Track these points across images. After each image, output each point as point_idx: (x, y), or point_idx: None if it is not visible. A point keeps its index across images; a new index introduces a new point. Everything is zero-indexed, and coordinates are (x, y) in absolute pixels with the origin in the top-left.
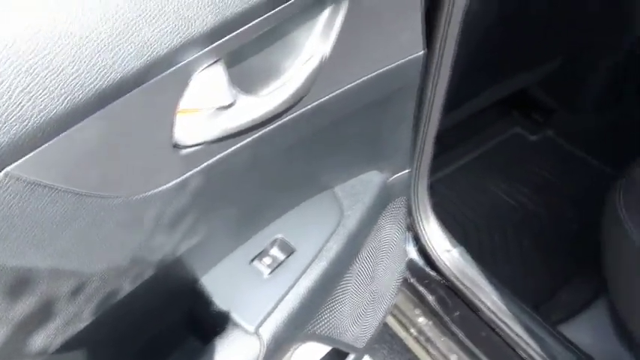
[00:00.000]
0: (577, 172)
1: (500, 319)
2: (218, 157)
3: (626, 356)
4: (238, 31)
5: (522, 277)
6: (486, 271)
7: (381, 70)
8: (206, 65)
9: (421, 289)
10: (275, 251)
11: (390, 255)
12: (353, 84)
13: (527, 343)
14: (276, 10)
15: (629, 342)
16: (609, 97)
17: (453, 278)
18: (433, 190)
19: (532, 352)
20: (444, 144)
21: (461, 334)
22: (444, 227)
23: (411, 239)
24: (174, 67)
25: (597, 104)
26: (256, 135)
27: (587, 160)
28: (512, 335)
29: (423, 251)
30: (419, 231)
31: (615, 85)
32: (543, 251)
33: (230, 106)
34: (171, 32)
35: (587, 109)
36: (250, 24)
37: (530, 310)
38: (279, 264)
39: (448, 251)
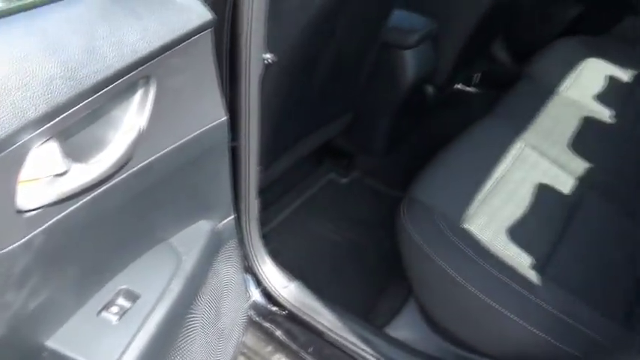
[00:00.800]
0: (383, 202)
1: (339, 335)
2: (58, 217)
3: (440, 341)
4: (67, 113)
5: (351, 295)
6: (321, 298)
7: (190, 136)
8: (41, 142)
9: (267, 325)
10: (121, 300)
11: (230, 293)
12: (168, 148)
13: (365, 350)
14: (99, 94)
15: (437, 328)
16: (393, 142)
17: (294, 310)
18: (268, 237)
19: (370, 357)
20: (273, 194)
21: (310, 358)
22: (281, 266)
23: (251, 281)
24: (12, 147)
25: (386, 148)
26: (90, 196)
27: (389, 192)
28: (351, 346)
29: (264, 291)
30: (257, 273)
31: (396, 131)
32: (366, 271)
33: (64, 173)
34: (9, 119)
35: (379, 152)
36: (77, 107)
37: (362, 320)
38: (126, 311)
39: (286, 287)
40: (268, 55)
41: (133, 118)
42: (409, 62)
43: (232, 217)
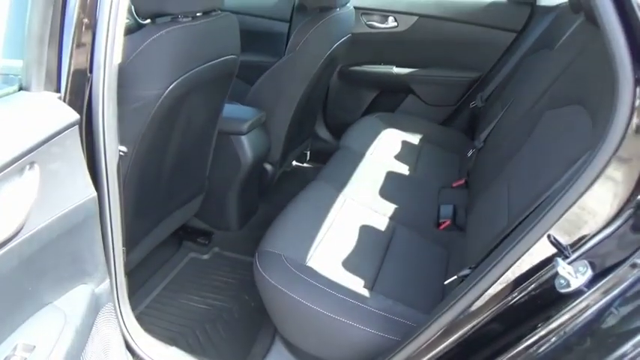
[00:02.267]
0: (242, 269)
1: None
2: None
3: None
4: None
5: (224, 351)
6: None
7: (68, 209)
8: None
9: None
10: (19, 351)
11: (111, 350)
12: (50, 219)
13: None
14: None
15: (301, 354)
16: (244, 216)
17: None
18: (141, 319)
19: None
20: (140, 277)
21: None
22: (155, 339)
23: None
24: None
25: (238, 222)
26: None
27: (247, 259)
28: None
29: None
30: (127, 337)
31: (245, 207)
32: (235, 329)
33: None
34: None
35: (233, 226)
36: None
37: None
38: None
39: (161, 355)
40: (121, 147)
41: (23, 194)
42: (245, 146)
43: (107, 281)
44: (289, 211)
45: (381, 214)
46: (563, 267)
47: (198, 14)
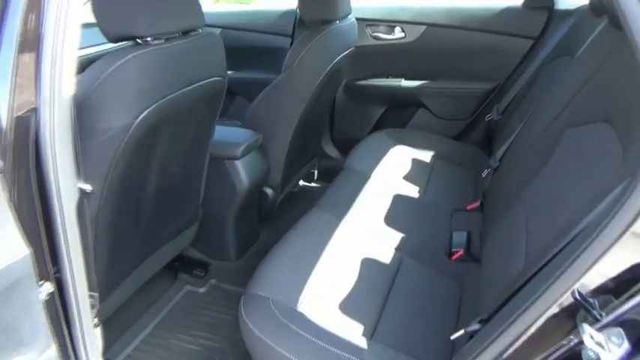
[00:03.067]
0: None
1: None
2: None
3: None
4: None
5: None
6: None
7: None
8: None
9: None
10: None
11: None
12: None
13: None
14: None
15: None
16: (244, 245)
17: None
18: None
19: None
20: (129, 316)
21: None
22: None
23: None
24: None
25: (237, 252)
26: None
27: None
28: None
29: None
30: None
31: (244, 235)
32: None
33: None
34: None
35: (231, 257)
36: None
37: None
38: None
39: None
40: (85, 186)
41: None
42: (240, 171)
43: (53, 348)
44: (282, 245)
45: (385, 244)
46: (591, 335)
47: (172, 36)
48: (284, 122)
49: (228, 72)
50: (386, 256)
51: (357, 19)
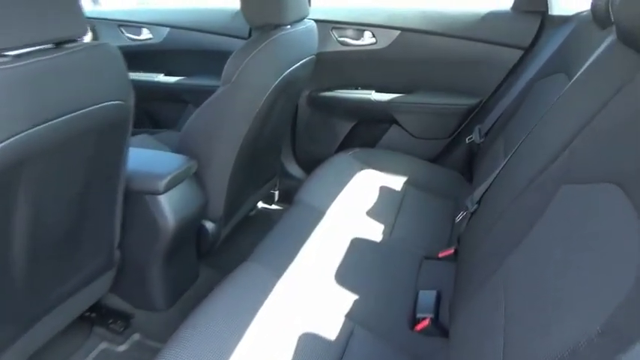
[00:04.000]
0: None
1: None
2: None
3: None
4: None
5: None
6: None
7: None
8: None
9: None
10: None
11: None
12: None
13: None
14: None
15: None
16: (175, 291)
17: None
18: None
19: None
20: None
21: None
22: None
23: None
24: None
25: (167, 300)
26: None
27: None
28: None
29: None
30: None
31: (174, 279)
32: None
33: None
34: None
35: (159, 305)
36: None
37: None
38: None
39: None
40: None
41: None
42: (164, 208)
43: None
44: (199, 313)
45: (334, 309)
46: None
47: (29, 49)
48: (224, 145)
49: (178, 77)
50: (332, 327)
51: (320, 21)
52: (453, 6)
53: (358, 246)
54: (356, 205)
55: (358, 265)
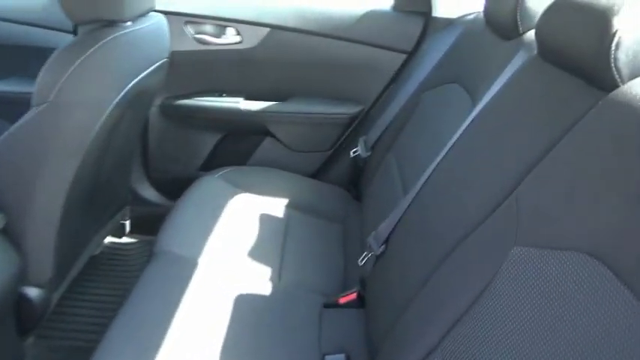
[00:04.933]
0: None
1: None
2: None
3: None
4: None
5: None
6: None
7: None
8: None
9: None
10: None
11: None
12: None
13: None
14: None
15: None
16: None
17: None
18: None
19: None
20: None
21: None
22: None
23: None
24: None
25: None
26: None
27: None
28: None
29: None
30: None
31: None
32: None
33: None
34: None
35: None
36: None
37: None
38: None
39: None
40: None
41: None
42: None
43: None
44: None
45: None
46: None
47: None
48: (47, 187)
49: None
50: None
51: (170, 13)
52: (329, 4)
53: (243, 304)
54: (232, 243)
55: (247, 332)
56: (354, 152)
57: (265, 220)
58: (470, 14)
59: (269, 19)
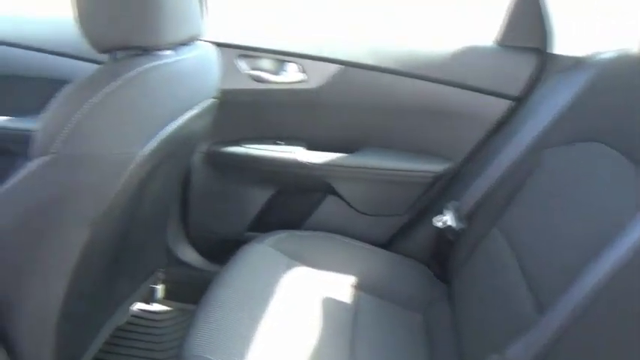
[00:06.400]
0: None
1: None
2: None
3: None
4: None
5: None
6: None
7: None
8: None
9: None
10: None
11: None
12: None
13: None
14: None
15: None
16: None
17: None
18: None
19: None
20: None
21: None
22: None
23: None
24: None
25: None
26: None
27: None
28: None
29: None
30: None
31: None
32: None
33: None
34: None
35: None
36: None
37: None
38: None
39: None
40: None
41: None
42: None
43: None
44: None
45: None
46: None
47: None
48: (50, 262)
49: None
50: None
51: (222, 45)
52: (415, 37)
53: None
54: (286, 342)
55: None
56: (438, 220)
57: (329, 306)
58: (607, 52)
59: (339, 54)
